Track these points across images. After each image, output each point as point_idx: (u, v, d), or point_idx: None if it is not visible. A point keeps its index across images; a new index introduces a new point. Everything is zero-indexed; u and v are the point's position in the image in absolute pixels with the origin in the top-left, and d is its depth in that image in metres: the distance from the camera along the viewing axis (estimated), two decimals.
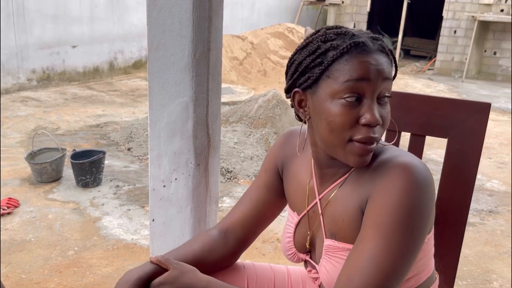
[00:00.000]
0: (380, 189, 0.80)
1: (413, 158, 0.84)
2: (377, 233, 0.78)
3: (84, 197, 3.25)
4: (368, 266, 0.77)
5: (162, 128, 1.32)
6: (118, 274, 2.39)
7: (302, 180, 0.97)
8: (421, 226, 0.79)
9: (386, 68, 0.82)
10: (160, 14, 1.21)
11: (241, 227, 1.04)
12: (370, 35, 0.85)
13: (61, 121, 5.04)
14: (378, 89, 0.81)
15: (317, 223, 0.92)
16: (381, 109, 0.82)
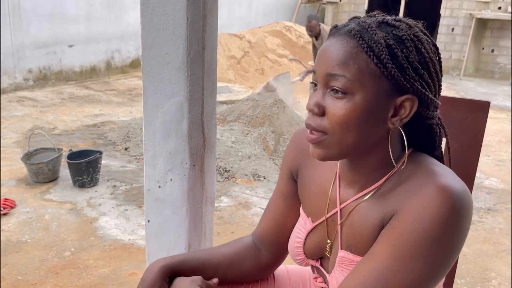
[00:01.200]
0: (409, 208, 0.71)
1: (454, 178, 0.73)
2: (394, 253, 0.70)
3: (81, 197, 3.23)
4: (373, 286, 0.71)
5: (157, 128, 1.30)
6: (115, 274, 2.38)
7: (323, 184, 0.88)
8: (446, 259, 0.71)
9: (336, 55, 0.71)
10: (154, 13, 1.19)
11: (268, 238, 1.00)
12: (370, 19, 0.75)
13: (58, 121, 5.02)
14: (323, 77, 0.73)
15: (335, 233, 0.85)
16: (329, 101, 0.73)
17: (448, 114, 1.05)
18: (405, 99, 0.73)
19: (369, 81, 0.71)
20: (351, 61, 0.71)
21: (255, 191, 3.52)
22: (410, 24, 0.75)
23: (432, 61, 0.74)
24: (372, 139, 0.75)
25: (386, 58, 0.70)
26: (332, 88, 0.72)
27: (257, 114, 4.50)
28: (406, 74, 0.71)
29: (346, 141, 0.73)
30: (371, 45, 0.70)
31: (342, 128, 0.72)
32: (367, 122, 0.72)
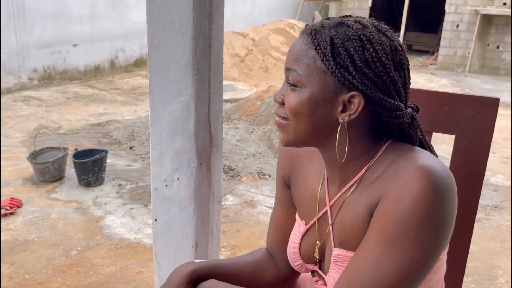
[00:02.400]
0: (392, 192, 0.73)
1: (434, 159, 0.75)
2: (383, 239, 0.72)
3: (87, 196, 3.24)
4: (368, 274, 0.72)
5: (163, 127, 1.30)
6: (122, 273, 2.38)
7: (312, 186, 0.91)
8: (434, 239, 0.72)
9: (294, 51, 0.78)
10: (160, 11, 1.19)
11: (277, 250, 1.01)
12: (333, 20, 0.79)
13: (63, 121, 5.03)
14: (285, 71, 0.81)
15: (327, 232, 0.86)
16: (287, 92, 0.80)
17: (457, 112, 1.05)
18: (351, 95, 0.75)
19: (315, 77, 0.76)
20: (302, 57, 0.77)
21: (260, 189, 3.52)
22: (366, 25, 0.76)
23: (380, 60, 0.74)
24: (325, 131, 0.79)
25: (329, 55, 0.74)
26: (288, 81, 0.79)
27: (262, 112, 4.49)
28: (348, 72, 0.74)
29: (299, 128, 0.79)
30: (320, 42, 0.75)
31: (294, 116, 0.79)
32: (314, 114, 0.77)
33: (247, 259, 1.00)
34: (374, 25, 0.77)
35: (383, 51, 0.75)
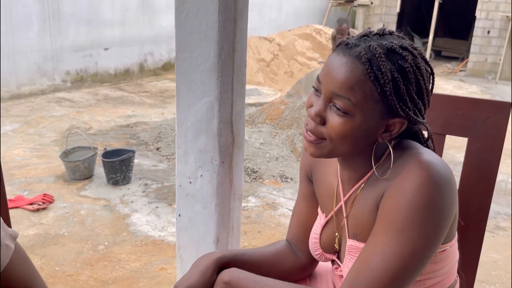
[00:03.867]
0: (395, 185, 0.80)
1: (434, 156, 0.82)
2: (389, 228, 0.79)
3: (114, 194, 3.36)
4: (377, 261, 0.78)
5: (188, 127, 1.37)
6: (146, 269, 2.47)
7: (330, 183, 0.98)
8: (435, 226, 0.78)
9: (345, 77, 0.78)
10: (188, 17, 1.26)
11: (298, 240, 1.07)
12: (378, 42, 0.81)
13: (93, 121, 5.22)
14: (328, 93, 0.81)
15: (343, 224, 0.94)
16: (331, 115, 0.81)
17: (470, 115, 1.08)
18: (396, 121, 0.83)
19: (369, 106, 0.79)
20: (357, 87, 0.78)
21: (282, 192, 3.57)
22: (414, 54, 0.81)
23: (427, 90, 0.84)
24: (362, 148, 0.86)
25: (390, 91, 0.78)
26: (335, 105, 0.80)
27: (285, 116, 4.54)
28: (404, 104, 0.80)
29: (339, 149, 0.84)
30: (378, 76, 0.78)
31: (340, 140, 0.82)
32: (361, 138, 0.83)
33: (268, 249, 1.06)
34: (417, 50, 0.83)
35: (428, 80, 0.83)
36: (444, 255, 0.87)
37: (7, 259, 0.81)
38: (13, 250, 0.82)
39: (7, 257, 0.81)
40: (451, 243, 0.88)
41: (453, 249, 0.90)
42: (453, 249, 0.90)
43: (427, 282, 0.88)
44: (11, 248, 0.82)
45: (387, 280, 0.77)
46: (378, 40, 0.81)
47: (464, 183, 1.09)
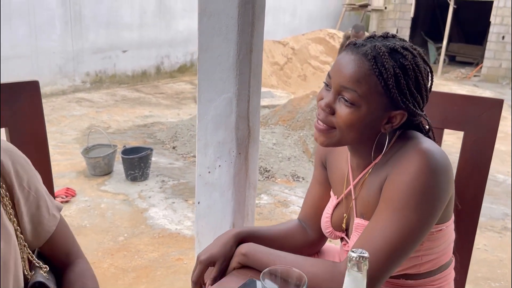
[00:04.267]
0: (396, 170, 0.90)
1: (432, 145, 0.92)
2: (389, 207, 0.89)
3: (133, 190, 3.51)
4: (377, 236, 0.88)
5: (208, 121, 1.50)
6: (163, 259, 2.60)
7: (342, 169, 1.08)
8: (431, 206, 0.87)
9: (353, 72, 0.88)
10: (210, 20, 1.39)
11: (310, 219, 1.17)
12: (382, 43, 0.91)
13: (111, 121, 5.39)
14: (337, 86, 0.91)
15: (351, 206, 1.05)
16: (340, 106, 0.91)
17: (466, 111, 1.18)
18: (398, 113, 0.92)
19: (373, 98, 0.90)
20: (363, 81, 0.88)
21: (293, 190, 3.68)
22: (414, 54, 0.92)
23: (425, 85, 0.94)
24: (366, 137, 0.96)
25: (392, 85, 0.89)
26: (343, 97, 0.91)
27: (298, 118, 4.65)
28: (404, 97, 0.91)
29: (347, 137, 0.94)
30: (382, 71, 0.88)
31: (347, 128, 0.92)
32: (366, 127, 0.93)
33: (281, 227, 1.18)
34: (417, 50, 0.94)
35: (426, 77, 0.94)
36: (441, 234, 0.98)
37: (54, 226, 0.94)
38: (59, 219, 0.95)
39: (54, 225, 0.94)
40: (447, 223, 0.98)
41: (449, 229, 1.00)
42: (449, 229, 1.00)
43: (424, 258, 0.99)
44: (57, 217, 0.95)
45: (385, 251, 0.87)
46: (382, 41, 0.93)
47: (460, 172, 1.19)
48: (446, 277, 1.04)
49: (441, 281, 1.03)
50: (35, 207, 0.90)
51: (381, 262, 0.87)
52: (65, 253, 0.98)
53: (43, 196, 0.92)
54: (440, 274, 1.02)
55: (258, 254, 1.00)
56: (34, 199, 0.90)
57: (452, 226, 1.01)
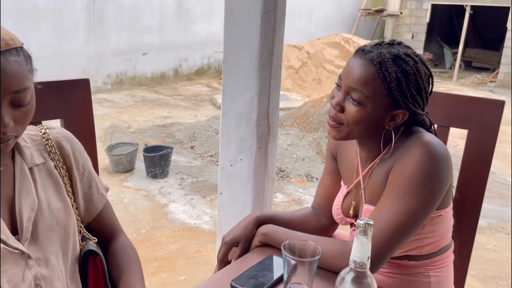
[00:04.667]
0: (401, 160, 1.02)
1: (433, 138, 1.03)
2: (393, 193, 1.00)
3: (153, 186, 3.66)
4: (383, 218, 0.99)
5: (231, 118, 1.63)
6: (183, 251, 2.74)
7: (352, 161, 1.20)
8: (431, 192, 0.98)
9: (360, 75, 1.00)
10: (235, 26, 1.52)
11: (322, 206, 1.30)
12: (388, 50, 1.02)
13: (132, 121, 5.58)
14: (347, 87, 1.03)
15: (360, 194, 1.17)
16: (348, 104, 1.03)
17: (469, 111, 1.30)
18: (400, 112, 1.04)
19: (378, 99, 1.02)
20: (369, 83, 1.01)
21: (307, 190, 3.79)
22: (415, 60, 1.04)
23: (425, 88, 1.05)
24: (372, 132, 1.07)
25: (394, 87, 1.00)
26: (351, 96, 1.03)
27: (312, 120, 4.77)
28: (405, 98, 1.02)
29: (354, 132, 1.06)
30: (386, 75, 1.00)
31: (354, 124, 1.04)
32: (370, 124, 1.04)
33: (296, 212, 1.31)
34: (418, 57, 1.06)
35: (426, 81, 1.06)
36: (440, 219, 1.09)
37: (102, 204, 1.08)
38: (106, 198, 1.09)
39: (102, 203, 1.08)
40: (446, 210, 1.10)
41: (448, 215, 1.11)
42: (448, 215, 1.11)
43: (425, 241, 1.10)
44: (105, 197, 1.09)
45: (389, 232, 0.99)
46: (387, 48, 1.05)
47: (464, 166, 1.30)
48: (446, 259, 1.15)
49: (441, 263, 1.14)
50: (87, 187, 1.05)
51: (385, 241, 0.98)
52: (110, 227, 1.12)
53: (94, 178, 1.06)
54: (440, 256, 1.14)
55: (277, 234, 1.13)
56: (87, 180, 1.04)
57: (450, 212, 1.13)
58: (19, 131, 0.84)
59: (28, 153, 0.95)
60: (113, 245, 1.11)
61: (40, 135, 1.00)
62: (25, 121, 0.85)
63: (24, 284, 0.88)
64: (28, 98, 0.83)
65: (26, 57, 0.84)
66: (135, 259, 1.11)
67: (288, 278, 0.92)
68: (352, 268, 0.75)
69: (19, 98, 0.81)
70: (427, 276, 1.13)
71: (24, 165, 0.93)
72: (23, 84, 0.81)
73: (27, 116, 0.84)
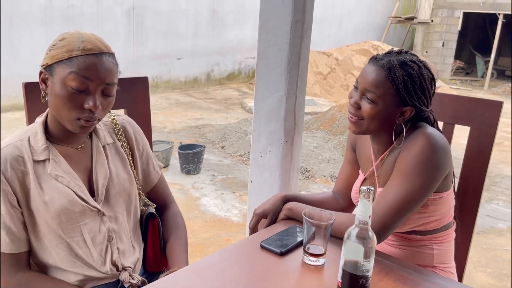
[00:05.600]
0: (406, 148, 1.21)
1: (435, 131, 1.21)
2: (399, 176, 1.18)
3: (187, 181, 3.93)
4: (389, 195, 1.18)
5: (262, 114, 1.86)
6: (214, 239, 2.98)
7: (367, 153, 1.39)
8: (431, 175, 1.17)
9: (372, 79, 1.21)
10: (268, 34, 1.75)
11: (341, 191, 1.50)
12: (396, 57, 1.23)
13: (167, 122, 5.90)
14: (362, 88, 1.23)
15: (375, 180, 1.37)
16: (364, 103, 1.24)
17: (472, 110, 1.48)
18: (407, 109, 1.23)
19: (388, 98, 1.22)
20: (381, 85, 1.21)
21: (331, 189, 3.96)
22: (420, 66, 1.24)
23: (428, 89, 1.24)
24: (386, 127, 1.27)
25: (401, 88, 1.21)
26: (366, 96, 1.24)
27: (338, 124, 4.94)
28: (411, 97, 1.22)
29: (371, 127, 1.26)
30: (394, 78, 1.20)
31: (369, 119, 1.24)
32: (383, 119, 1.24)
33: (318, 195, 1.52)
34: (422, 63, 1.26)
35: (429, 83, 1.25)
36: (442, 200, 1.28)
37: (156, 179, 1.33)
38: (160, 174, 1.34)
39: (157, 178, 1.33)
40: (447, 192, 1.28)
41: (449, 197, 1.30)
42: (449, 197, 1.30)
43: (430, 218, 1.29)
44: (159, 173, 1.34)
45: (394, 207, 1.18)
46: (396, 56, 1.25)
47: (467, 158, 1.48)
48: (448, 236, 1.34)
49: (444, 238, 1.33)
50: (146, 164, 1.30)
51: (391, 214, 1.18)
52: (163, 198, 1.37)
53: (151, 157, 1.31)
54: (443, 232, 1.32)
55: (300, 209, 1.34)
56: (145, 158, 1.29)
57: (451, 195, 1.31)
58: (101, 116, 1.09)
59: (102, 134, 1.20)
60: (165, 213, 1.36)
61: (110, 121, 1.25)
62: (108, 108, 1.10)
63: (100, 235, 1.13)
64: (114, 91, 1.08)
65: (116, 62, 1.10)
66: (182, 227, 1.36)
67: (307, 240, 1.14)
68: (357, 224, 0.96)
69: (109, 90, 1.07)
70: (431, 249, 1.32)
71: (99, 143, 1.19)
72: (113, 79, 1.07)
73: (109, 105, 1.09)
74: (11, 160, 1.05)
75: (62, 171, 1.09)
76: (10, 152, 1.06)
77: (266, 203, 1.41)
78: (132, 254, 1.22)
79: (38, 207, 1.06)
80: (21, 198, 1.06)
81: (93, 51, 1.04)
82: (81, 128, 1.06)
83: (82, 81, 1.02)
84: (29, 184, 1.06)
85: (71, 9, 6.15)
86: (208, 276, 1.08)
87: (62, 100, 1.03)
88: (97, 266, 1.13)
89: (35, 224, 1.08)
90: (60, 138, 1.12)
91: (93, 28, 6.36)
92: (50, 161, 1.08)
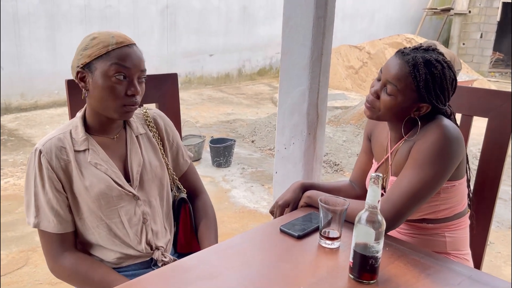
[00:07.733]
0: (421, 139, 1.25)
1: (449, 123, 1.27)
2: (413, 165, 1.23)
3: (218, 174, 4.06)
4: (403, 184, 1.23)
5: (286, 108, 1.94)
6: (243, 229, 3.09)
7: (382, 141, 1.44)
8: (444, 164, 1.20)
9: (396, 72, 1.25)
10: (291, 31, 1.83)
11: (357, 179, 1.57)
12: (422, 54, 1.25)
13: (199, 117, 6.06)
14: (384, 79, 1.27)
15: (388, 168, 1.42)
16: (383, 93, 1.29)
17: (490, 102, 1.51)
18: (424, 105, 1.28)
19: (407, 93, 1.26)
20: (403, 79, 1.25)
21: None
22: (443, 66, 1.27)
23: (447, 90, 1.28)
24: (399, 119, 1.32)
25: (422, 86, 1.24)
26: (387, 88, 1.28)
27: None
28: (430, 95, 1.26)
29: (385, 116, 1.32)
30: (416, 75, 1.24)
31: (386, 110, 1.29)
32: (399, 111, 1.29)
33: (335, 183, 1.59)
34: (447, 63, 1.29)
35: (450, 83, 1.29)
36: (454, 188, 1.32)
37: (186, 167, 1.44)
38: (189, 163, 1.45)
39: (186, 166, 1.44)
40: (460, 181, 1.32)
41: (461, 186, 1.34)
42: (461, 186, 1.34)
43: (441, 206, 1.33)
44: (188, 162, 1.45)
45: (407, 195, 1.23)
46: (422, 53, 1.28)
47: (485, 148, 1.51)
48: (461, 223, 1.38)
49: (456, 226, 1.37)
50: (175, 154, 1.41)
51: (404, 202, 1.23)
52: (193, 187, 1.48)
53: (180, 147, 1.42)
54: (456, 220, 1.36)
55: (319, 196, 1.42)
56: (175, 148, 1.40)
57: (464, 183, 1.35)
58: (139, 100, 1.21)
59: (135, 125, 1.32)
60: (195, 202, 1.47)
61: (142, 114, 1.37)
62: (142, 94, 1.21)
63: (135, 217, 1.25)
64: (145, 77, 1.20)
65: None
66: (211, 217, 1.46)
67: (324, 225, 1.22)
68: (367, 209, 1.03)
69: (142, 76, 1.18)
70: (443, 237, 1.36)
71: (132, 134, 1.31)
72: (144, 66, 1.19)
73: (143, 91, 1.21)
74: (55, 151, 1.18)
75: (100, 159, 1.22)
76: (54, 143, 1.19)
77: (286, 193, 1.49)
78: (165, 235, 1.34)
79: (80, 191, 1.19)
80: (65, 183, 1.19)
81: (125, 43, 1.17)
82: (126, 114, 1.19)
83: (123, 70, 1.15)
84: (72, 171, 1.19)
85: (108, 9, 6.40)
86: (231, 255, 1.17)
87: (108, 90, 1.15)
88: (134, 245, 1.26)
89: (79, 207, 1.21)
90: (97, 129, 1.24)
91: (129, 27, 6.61)
92: (89, 151, 1.21)
